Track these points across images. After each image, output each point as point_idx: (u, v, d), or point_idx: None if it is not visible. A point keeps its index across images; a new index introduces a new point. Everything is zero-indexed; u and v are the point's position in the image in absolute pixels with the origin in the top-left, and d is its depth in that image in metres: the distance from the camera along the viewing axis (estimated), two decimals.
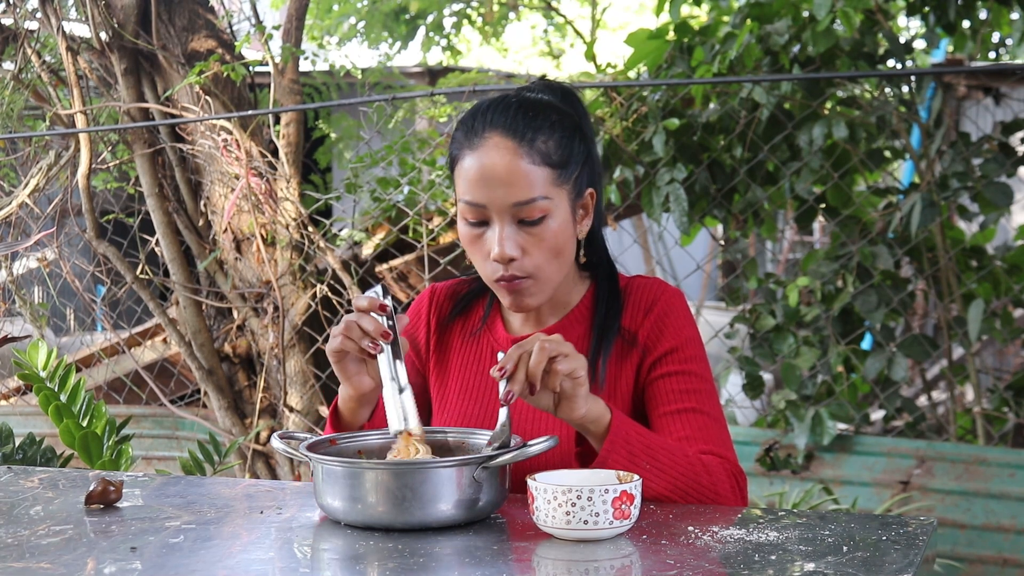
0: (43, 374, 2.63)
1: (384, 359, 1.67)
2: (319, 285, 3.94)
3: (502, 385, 1.57)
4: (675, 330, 1.81)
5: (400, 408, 1.66)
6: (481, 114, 1.77)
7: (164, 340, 4.65)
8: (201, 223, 4.13)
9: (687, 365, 1.80)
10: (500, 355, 1.59)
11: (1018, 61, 5.27)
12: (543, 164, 1.73)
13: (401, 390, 1.67)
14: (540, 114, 1.76)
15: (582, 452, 1.75)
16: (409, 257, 4.15)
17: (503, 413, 1.59)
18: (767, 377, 5.08)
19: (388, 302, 1.69)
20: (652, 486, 1.64)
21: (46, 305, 4.55)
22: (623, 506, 1.45)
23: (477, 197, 1.73)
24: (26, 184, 4.18)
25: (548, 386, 1.58)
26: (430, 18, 8.66)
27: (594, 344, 1.81)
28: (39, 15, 4.07)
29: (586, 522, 1.44)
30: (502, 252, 1.73)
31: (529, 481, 1.49)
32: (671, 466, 1.66)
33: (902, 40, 4.14)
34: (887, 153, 4.41)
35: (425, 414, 1.93)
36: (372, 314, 1.68)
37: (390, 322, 1.68)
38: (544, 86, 1.84)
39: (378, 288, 1.72)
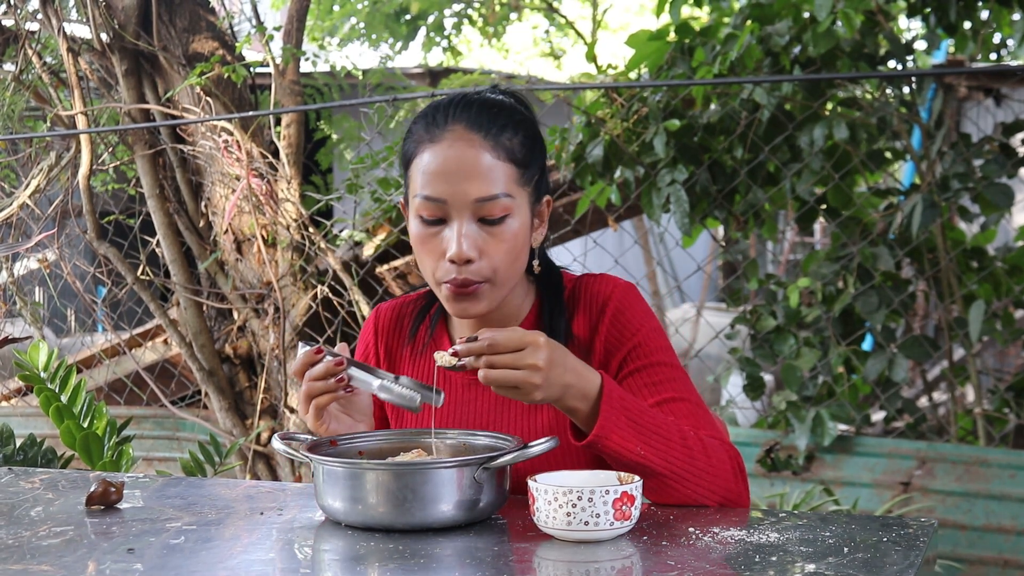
0: (44, 375, 2.63)
1: (358, 378, 1.66)
2: (320, 286, 3.93)
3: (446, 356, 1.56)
4: (634, 327, 1.75)
5: (405, 391, 1.64)
6: (443, 109, 1.70)
7: (165, 341, 4.65)
8: (202, 224, 4.13)
9: (653, 357, 1.75)
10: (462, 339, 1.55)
11: (1019, 62, 5.26)
12: (507, 160, 1.67)
13: (396, 379, 1.65)
14: (504, 112, 1.71)
15: (580, 448, 1.73)
16: (409, 257, 4.15)
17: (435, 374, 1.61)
18: (768, 378, 5.08)
19: (317, 344, 1.67)
20: (649, 463, 1.60)
21: (39, 304, 4.54)
22: (624, 507, 1.45)
23: (437, 191, 1.65)
24: (27, 185, 4.18)
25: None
26: (431, 19, 8.65)
27: None
28: (40, 16, 4.07)
29: (587, 523, 1.44)
30: (459, 251, 1.64)
31: (530, 482, 1.49)
32: (666, 449, 1.61)
33: (903, 41, 4.14)
34: (888, 154, 4.40)
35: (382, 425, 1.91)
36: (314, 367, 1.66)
37: (335, 356, 1.66)
38: (500, 91, 1.78)
39: (299, 344, 1.71)
